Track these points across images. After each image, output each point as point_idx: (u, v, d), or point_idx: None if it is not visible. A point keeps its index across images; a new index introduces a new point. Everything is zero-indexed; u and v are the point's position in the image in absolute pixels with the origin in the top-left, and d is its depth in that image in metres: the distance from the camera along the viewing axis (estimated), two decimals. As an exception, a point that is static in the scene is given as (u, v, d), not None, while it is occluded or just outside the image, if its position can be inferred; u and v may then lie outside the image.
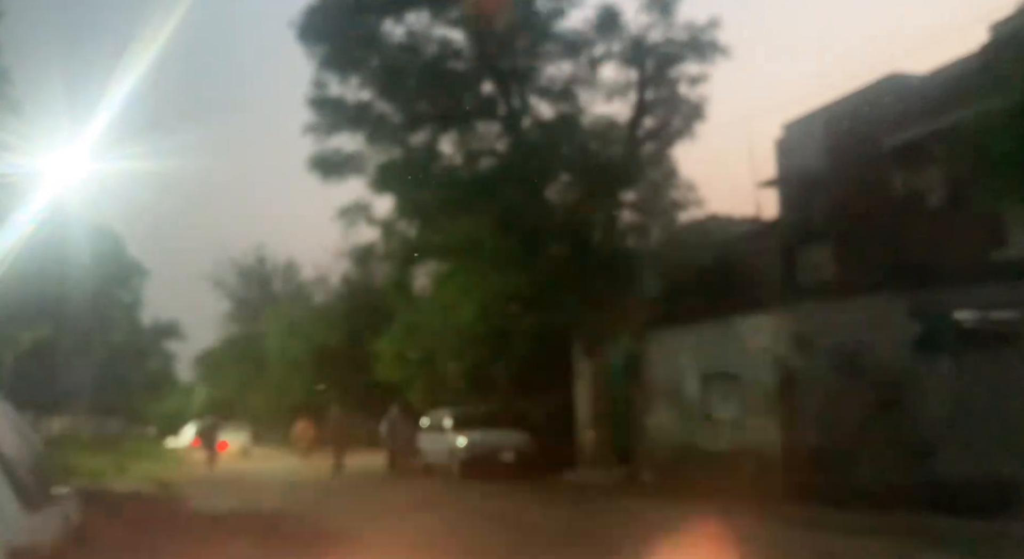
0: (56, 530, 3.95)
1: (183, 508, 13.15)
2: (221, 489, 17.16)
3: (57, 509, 4.15)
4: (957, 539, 8.33)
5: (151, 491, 16.37)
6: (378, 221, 18.81)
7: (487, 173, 17.72)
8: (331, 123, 17.65)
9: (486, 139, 18.28)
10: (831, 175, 15.73)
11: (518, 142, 17.43)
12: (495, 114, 17.90)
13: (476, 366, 20.59)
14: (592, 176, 16.76)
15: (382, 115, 17.73)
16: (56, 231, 16.31)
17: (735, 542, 8.57)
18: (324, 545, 9.33)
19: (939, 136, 13.64)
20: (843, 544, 8.35)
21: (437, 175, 17.76)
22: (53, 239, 16.09)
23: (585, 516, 11.13)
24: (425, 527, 10.93)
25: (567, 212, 17.40)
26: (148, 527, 10.28)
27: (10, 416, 4.31)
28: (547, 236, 16.69)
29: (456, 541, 9.57)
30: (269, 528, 10.86)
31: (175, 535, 9.56)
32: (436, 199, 17.41)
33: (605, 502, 12.84)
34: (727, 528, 9.50)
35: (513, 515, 11.48)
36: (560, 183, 17.85)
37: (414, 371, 23.49)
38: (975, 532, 8.62)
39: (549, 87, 17.83)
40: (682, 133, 17.45)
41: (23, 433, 4.49)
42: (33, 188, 14.56)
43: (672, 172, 17.51)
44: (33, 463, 4.25)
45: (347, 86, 17.67)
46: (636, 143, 17.60)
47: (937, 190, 14.19)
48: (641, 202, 17.70)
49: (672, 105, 17.51)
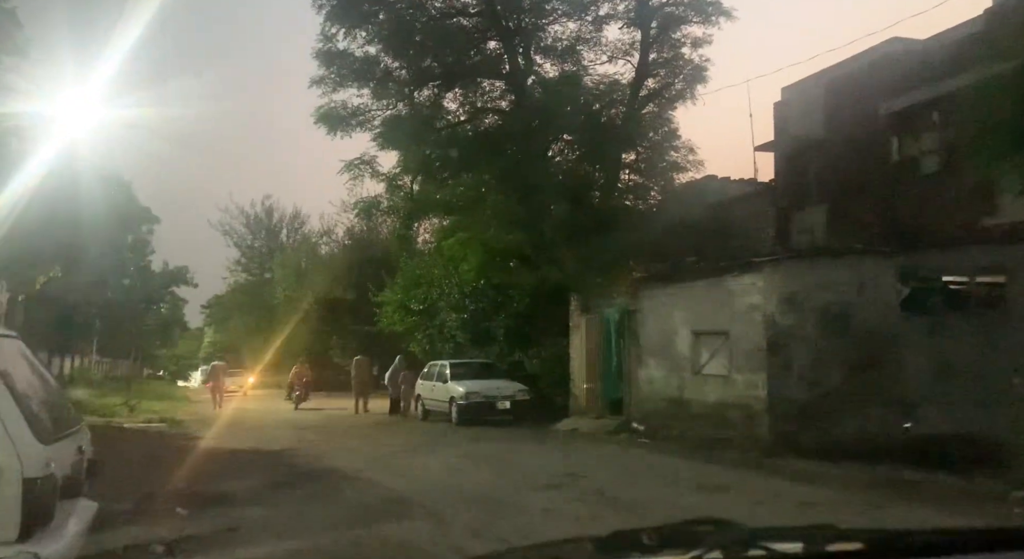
0: (70, 463, 4.17)
1: (192, 445, 13.71)
2: (227, 428, 17.78)
3: (70, 443, 4.33)
4: (930, 492, 8.67)
5: (161, 429, 17.00)
6: (383, 175, 19.03)
7: (490, 131, 17.86)
8: (338, 77, 17.76)
9: (490, 97, 18.37)
10: (828, 139, 15.81)
11: (521, 100, 17.52)
12: (499, 72, 17.96)
13: (475, 318, 21.04)
14: (593, 136, 16.87)
15: (388, 70, 17.81)
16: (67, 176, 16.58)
17: (713, 489, 9.03)
18: (326, 480, 9.86)
19: (938, 102, 13.69)
20: (821, 494, 8.65)
21: (441, 131, 17.91)
22: (64, 183, 16.36)
23: (572, 460, 11.61)
24: (421, 466, 11.58)
25: (568, 171, 17.57)
26: (158, 462, 10.83)
27: (24, 354, 4.58)
28: (548, 194, 16.91)
29: (448, 477, 10.24)
30: (274, 464, 11.39)
31: (184, 469, 10.07)
32: (439, 155, 17.59)
33: (593, 448, 13.36)
34: (708, 475, 9.98)
35: (504, 458, 11.99)
36: (562, 142, 17.98)
37: (415, 322, 23.99)
38: (949, 486, 8.97)
39: (553, 46, 17.87)
40: (684, 95, 17.52)
41: (37, 370, 4.72)
42: (44, 133, 14.78)
43: (672, 133, 17.62)
44: (47, 399, 4.49)
45: (354, 40, 17.75)
46: (638, 104, 17.66)
47: (932, 156, 14.29)
48: (641, 163, 17.83)
49: (674, 67, 17.54)
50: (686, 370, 13.97)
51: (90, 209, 18.92)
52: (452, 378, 18.43)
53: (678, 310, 14.36)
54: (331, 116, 18.02)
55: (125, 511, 6.77)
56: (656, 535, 1.24)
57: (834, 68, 16.10)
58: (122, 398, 22.04)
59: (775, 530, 1.41)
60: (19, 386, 3.95)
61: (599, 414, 16.58)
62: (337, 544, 6.35)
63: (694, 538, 1.23)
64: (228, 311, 51.43)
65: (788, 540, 1.28)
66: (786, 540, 1.28)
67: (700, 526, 1.34)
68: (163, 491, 8.29)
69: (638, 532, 1.24)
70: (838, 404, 11.73)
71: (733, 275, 13.02)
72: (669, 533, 1.29)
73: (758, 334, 12.30)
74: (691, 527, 1.35)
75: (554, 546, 1.49)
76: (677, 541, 1.23)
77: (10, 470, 3.51)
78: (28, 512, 3.53)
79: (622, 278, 15.77)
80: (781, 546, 1.24)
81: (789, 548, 1.25)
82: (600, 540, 1.32)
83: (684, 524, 1.36)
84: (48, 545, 3.65)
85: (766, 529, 1.33)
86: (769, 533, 1.34)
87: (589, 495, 8.64)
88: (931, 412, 11.59)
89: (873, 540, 1.35)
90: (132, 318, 39.83)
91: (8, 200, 12.75)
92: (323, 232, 42.31)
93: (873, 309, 12.06)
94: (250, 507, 7.86)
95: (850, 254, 12.64)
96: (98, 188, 19.91)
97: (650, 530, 1.24)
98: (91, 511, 4.51)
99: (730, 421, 12.68)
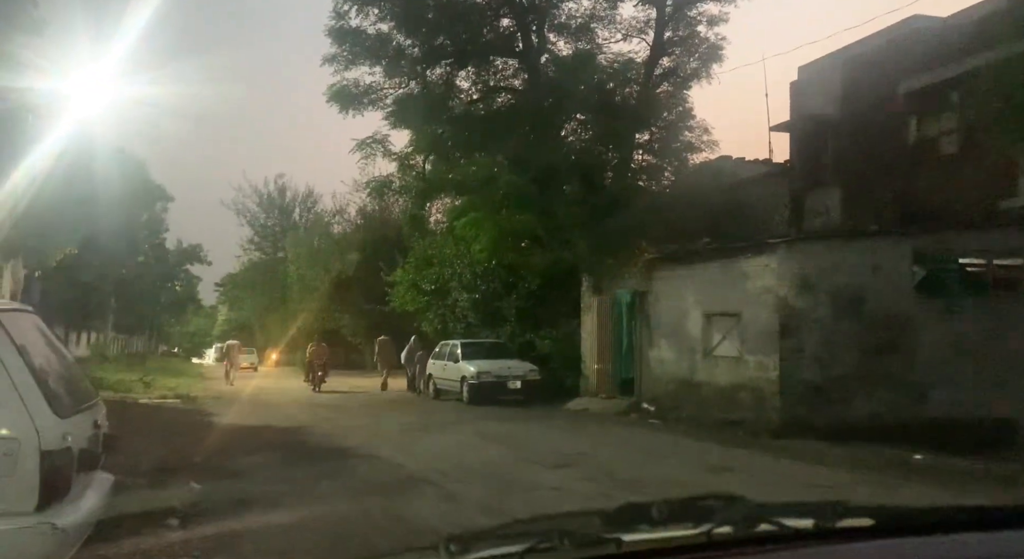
0: (86, 436, 4.21)
1: (206, 421, 13.86)
2: (241, 405, 17.97)
3: (87, 417, 4.37)
4: (942, 475, 8.66)
5: (175, 404, 17.19)
6: (395, 155, 18.99)
7: (503, 110, 17.75)
8: (350, 54, 17.65)
9: (503, 76, 18.24)
10: (845, 119, 15.63)
11: (534, 79, 17.39)
12: (513, 50, 17.81)
13: (487, 298, 21.08)
14: (607, 115, 16.75)
15: (401, 48, 17.69)
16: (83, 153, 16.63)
17: (723, 469, 9.05)
18: (338, 457, 9.96)
19: (958, 81, 13.50)
20: (832, 475, 8.65)
21: (453, 110, 17.82)
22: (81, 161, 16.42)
23: (582, 440, 11.67)
24: (431, 443, 11.70)
25: (581, 151, 17.47)
26: (172, 437, 10.96)
27: (41, 329, 4.63)
28: (560, 174, 16.82)
29: (459, 456, 10.33)
30: (286, 440, 11.51)
31: (197, 444, 10.20)
32: (452, 134, 17.51)
33: (603, 428, 13.40)
34: (718, 456, 10.00)
35: (514, 437, 12.05)
36: (575, 122, 17.85)
37: (427, 302, 24.07)
38: (962, 469, 8.96)
39: (567, 23, 17.68)
40: (699, 74, 17.33)
41: (54, 345, 4.78)
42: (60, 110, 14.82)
43: (687, 113, 17.45)
44: (64, 374, 4.54)
45: (366, 17, 17.62)
46: (652, 83, 17.50)
47: (950, 137, 14.11)
48: (655, 143, 17.70)
49: (690, 45, 17.34)
50: (697, 352, 13.95)
51: (106, 187, 18.99)
52: (463, 358, 18.50)
53: (690, 292, 14.32)
54: (343, 94, 17.95)
55: (140, 484, 6.86)
56: (666, 509, 1.24)
57: (852, 46, 15.89)
58: (137, 374, 22.28)
59: (785, 505, 1.41)
60: (36, 361, 4.01)
61: (609, 395, 16.62)
62: (348, 519, 6.43)
63: (704, 512, 1.23)
64: (241, 290, 51.78)
65: (798, 516, 1.28)
66: (796, 516, 1.28)
67: (710, 501, 1.35)
68: (177, 465, 8.39)
69: (647, 505, 1.25)
70: (850, 386, 11.70)
71: (746, 257, 12.96)
72: (679, 507, 1.30)
73: (771, 316, 12.25)
74: (701, 502, 1.35)
75: (563, 518, 1.50)
76: (686, 515, 1.24)
77: (28, 443, 3.57)
78: (46, 484, 3.59)
79: (634, 259, 15.73)
80: (791, 521, 1.24)
81: (799, 524, 1.25)
82: (609, 513, 1.33)
83: (693, 499, 1.36)
84: (66, 516, 3.71)
85: (776, 504, 1.33)
86: (779, 509, 1.34)
87: (599, 474, 8.68)
88: (944, 395, 11.55)
89: (885, 516, 1.35)
90: (147, 295, 40.15)
91: (26, 177, 12.84)
92: (336, 211, 42.43)
93: (887, 291, 11.99)
94: (261, 482, 7.96)
95: (865, 236, 12.55)
96: (114, 166, 19.98)
97: (659, 503, 1.25)
98: (107, 484, 4.58)
99: (741, 403, 12.68)
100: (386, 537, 5.65)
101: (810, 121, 16.47)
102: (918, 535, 1.26)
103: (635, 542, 1.18)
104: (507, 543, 1.16)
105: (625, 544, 1.15)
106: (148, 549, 5.22)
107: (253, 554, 5.32)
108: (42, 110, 14.40)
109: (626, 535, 1.17)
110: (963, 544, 1.23)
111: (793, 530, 1.23)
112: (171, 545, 5.36)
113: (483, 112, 17.95)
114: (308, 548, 5.42)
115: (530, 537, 1.14)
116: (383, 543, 5.42)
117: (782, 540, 1.21)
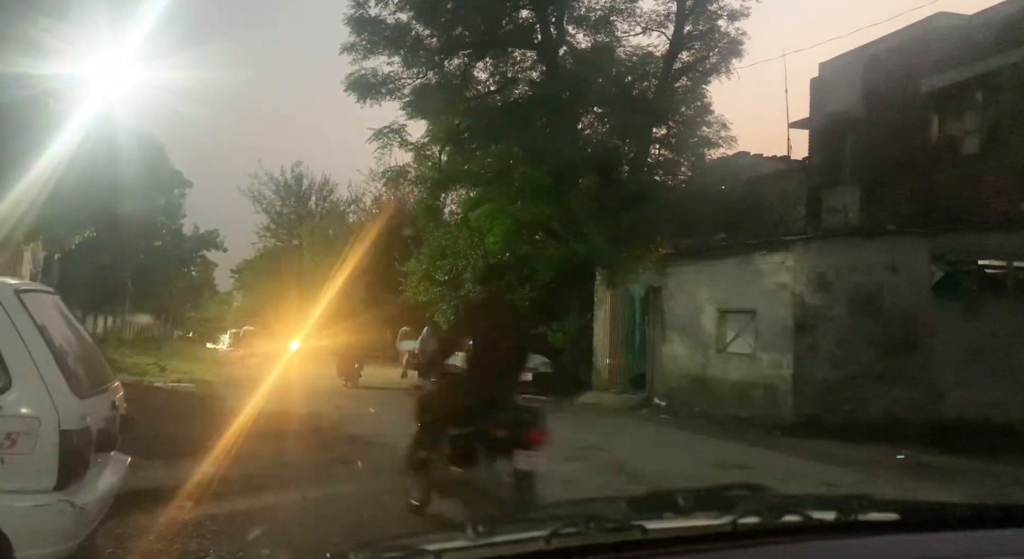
0: (104, 417, 4.25)
1: (220, 406, 13.95)
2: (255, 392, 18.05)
3: (105, 398, 4.41)
4: (955, 477, 8.63)
5: (190, 389, 17.32)
6: (411, 145, 19.00)
7: (520, 102, 17.72)
8: (369, 43, 17.67)
9: (521, 67, 18.20)
10: (865, 117, 15.48)
11: (552, 71, 17.34)
12: (531, 42, 17.76)
13: (500, 290, 21.03)
14: (625, 109, 16.68)
15: (419, 38, 17.68)
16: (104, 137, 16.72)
17: (734, 466, 9.03)
18: (350, 443, 10.01)
19: (982, 80, 13.34)
20: (843, 475, 8.59)
21: (471, 101, 17.81)
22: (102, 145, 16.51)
23: (593, 433, 11.65)
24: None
25: (598, 144, 17.41)
26: (187, 420, 11.05)
27: (61, 309, 4.67)
28: (576, 168, 16.78)
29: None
30: (299, 427, 11.56)
31: (213, 428, 10.27)
32: (468, 125, 17.50)
33: (614, 422, 13.40)
34: (729, 453, 9.98)
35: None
36: (592, 115, 17.79)
37: (440, 292, 24.10)
38: (975, 471, 8.94)
39: (587, 16, 17.61)
40: (718, 69, 17.23)
41: (73, 326, 4.81)
42: (81, 95, 14.90)
43: (705, 108, 17.36)
44: (83, 354, 4.57)
45: (385, 7, 17.62)
46: (671, 77, 17.41)
47: (972, 137, 13.95)
48: (672, 138, 17.62)
49: (710, 39, 17.23)
50: (710, 348, 13.92)
51: (126, 171, 19.09)
52: (476, 349, 18.52)
53: (704, 288, 14.28)
54: (361, 83, 17.97)
55: (155, 465, 6.94)
56: (691, 497, 1.24)
57: (875, 43, 15.72)
58: (153, 358, 22.44)
59: (810, 497, 1.41)
60: (57, 341, 4.04)
61: (621, 389, 16.62)
62: (359, 499, 6.47)
63: (729, 502, 1.23)
64: (257, 276, 52.03)
65: (824, 508, 1.28)
66: (822, 508, 1.28)
67: (735, 490, 1.34)
68: (190, 447, 8.46)
69: (673, 493, 1.25)
70: (864, 386, 11.64)
71: (762, 253, 12.90)
72: (704, 496, 1.30)
73: (786, 313, 12.20)
74: (726, 491, 1.35)
75: (587, 503, 1.50)
76: (712, 504, 1.24)
77: (48, 422, 3.61)
78: (65, 463, 3.62)
79: (649, 254, 15.69)
80: (817, 513, 1.24)
81: (824, 516, 1.24)
82: (635, 499, 1.33)
83: (719, 488, 1.36)
84: (83, 495, 3.75)
85: (801, 496, 1.33)
86: (804, 500, 1.33)
87: (609, 468, 8.69)
88: (961, 397, 11.48)
89: (911, 511, 1.34)
90: (163, 280, 40.45)
91: (48, 161, 12.93)
92: (351, 200, 42.53)
93: (905, 291, 11.91)
94: (273, 466, 8.01)
95: (883, 235, 12.46)
96: (134, 150, 20.07)
97: (685, 492, 1.25)
98: (124, 464, 4.62)
99: (753, 400, 12.64)
100: (402, 524, 5.67)
101: (830, 118, 16.33)
102: (944, 531, 1.26)
103: (660, 529, 1.18)
104: (533, 527, 1.16)
105: (650, 531, 1.15)
106: (162, 529, 5.28)
107: (263, 536, 5.36)
108: (63, 95, 14.48)
109: (651, 523, 1.17)
110: (990, 540, 1.23)
111: (819, 522, 1.22)
112: (184, 525, 5.41)
113: (500, 104, 17.93)
114: (322, 532, 5.46)
115: (555, 521, 1.14)
116: (395, 529, 5.45)
117: (808, 532, 1.21)
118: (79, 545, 3.77)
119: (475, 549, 1.10)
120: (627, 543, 1.13)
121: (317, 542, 5.23)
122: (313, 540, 5.22)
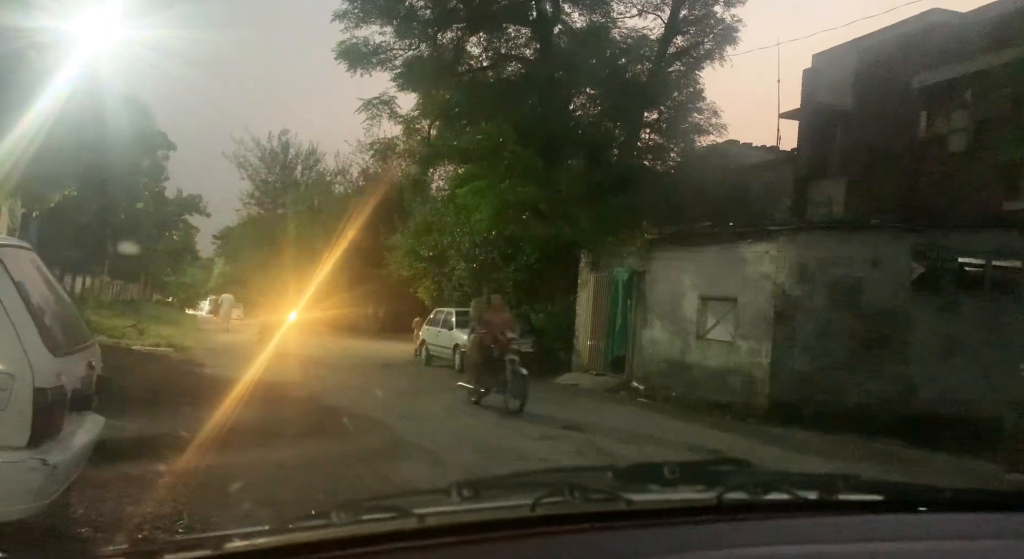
0: (80, 376, 4.23)
1: (197, 371, 13.88)
2: (232, 358, 17.97)
3: (81, 357, 4.38)
4: (924, 469, 8.77)
5: (167, 353, 17.20)
6: (401, 117, 18.83)
7: (512, 79, 17.59)
8: (361, 12, 17.42)
9: (514, 44, 18.04)
10: (855, 110, 15.52)
11: (546, 49, 17.19)
12: (526, 18, 17.59)
13: (484, 268, 21.04)
14: (617, 91, 16.60)
15: (413, 8, 17.46)
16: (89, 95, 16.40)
17: (707, 451, 9.10)
18: (327, 416, 10.00)
19: (973, 79, 13.40)
20: (813, 463, 8.69)
21: (462, 76, 17.63)
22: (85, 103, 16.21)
23: (571, 414, 11.71)
24: (422, 409, 11.78)
25: (588, 126, 17.33)
26: (163, 383, 10.98)
27: (39, 267, 4.59)
28: (566, 148, 16.70)
29: (448, 422, 10.50)
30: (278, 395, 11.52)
31: (189, 391, 10.23)
32: (459, 100, 17.35)
33: (592, 404, 13.48)
34: (703, 437, 10.07)
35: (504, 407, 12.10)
36: (584, 96, 17.69)
37: (424, 268, 24.04)
38: (944, 465, 9.11)
39: (583, -6, 17.46)
40: (712, 55, 17.16)
41: (51, 284, 4.75)
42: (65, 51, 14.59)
43: (697, 95, 17.32)
44: (59, 313, 4.52)
45: (380, -27, 17.37)
46: (665, 61, 17.32)
47: (960, 135, 14.04)
48: (663, 122, 17.58)
49: (705, 25, 17.15)
50: (690, 334, 13.99)
51: (110, 130, 18.77)
52: (457, 326, 18.50)
53: (688, 274, 14.32)
54: (352, 52, 17.73)
55: (130, 427, 6.88)
56: (678, 470, 1.24)
57: (869, 37, 15.73)
58: (131, 320, 22.25)
59: (797, 475, 1.41)
60: (34, 298, 3.98)
61: (600, 371, 16.68)
62: (337, 479, 6.45)
63: (715, 477, 1.23)
64: (239, 243, 51.57)
65: (809, 487, 1.28)
66: (807, 486, 1.28)
67: (721, 465, 1.34)
68: (166, 410, 8.43)
69: (660, 465, 1.24)
70: (840, 377, 11.77)
71: (747, 242, 12.95)
72: (691, 469, 1.29)
73: (766, 303, 12.27)
74: (712, 466, 1.35)
75: (574, 472, 1.49)
76: (697, 478, 1.23)
77: (22, 379, 3.56)
78: (38, 420, 3.58)
79: (634, 238, 15.70)
80: (802, 492, 1.24)
81: (810, 494, 1.25)
82: (620, 470, 1.32)
83: (705, 462, 1.36)
84: (56, 454, 3.71)
85: (787, 474, 1.33)
86: (790, 478, 1.34)
87: (586, 448, 8.74)
88: (933, 391, 11.64)
89: (895, 492, 1.35)
90: (143, 243, 39.97)
91: (30, 117, 12.68)
92: (338, 171, 42.16)
93: (885, 285, 12.01)
94: (250, 436, 7.97)
95: (866, 229, 12.53)
96: (119, 109, 19.71)
97: (671, 465, 1.24)
98: (99, 424, 4.58)
99: (730, 387, 12.74)
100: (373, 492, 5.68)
101: (820, 110, 16.36)
102: (927, 512, 1.26)
103: (645, 501, 1.17)
104: (517, 492, 1.16)
105: (635, 503, 1.14)
106: (135, 490, 5.25)
107: (238, 494, 5.35)
108: (48, 50, 14.18)
109: (636, 494, 1.17)
110: (971, 523, 1.23)
111: (804, 499, 1.22)
112: (157, 487, 5.39)
113: (492, 80, 17.78)
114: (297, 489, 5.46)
115: (541, 488, 1.13)
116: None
117: (792, 509, 1.21)
118: (51, 503, 3.74)
119: (459, 513, 1.09)
120: (611, 513, 1.12)
121: (298, 501, 5.24)
122: (296, 499, 5.23)
